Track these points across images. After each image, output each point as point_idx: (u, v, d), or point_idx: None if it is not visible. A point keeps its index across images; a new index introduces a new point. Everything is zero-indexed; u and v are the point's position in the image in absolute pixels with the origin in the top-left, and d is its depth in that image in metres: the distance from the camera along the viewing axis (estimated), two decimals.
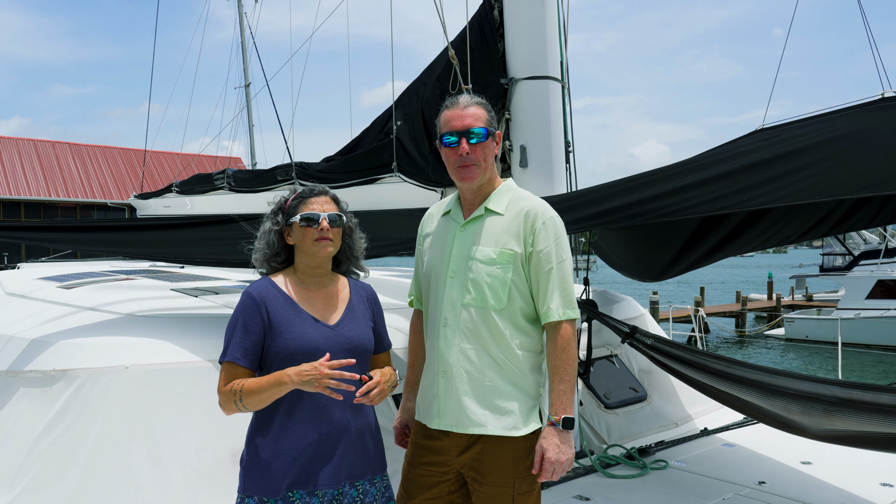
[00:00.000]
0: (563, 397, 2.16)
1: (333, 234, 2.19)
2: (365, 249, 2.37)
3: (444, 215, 2.40)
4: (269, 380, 2.01)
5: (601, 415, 3.99)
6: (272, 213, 2.26)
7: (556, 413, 2.16)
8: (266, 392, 2.01)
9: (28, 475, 2.63)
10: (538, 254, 2.21)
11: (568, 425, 2.15)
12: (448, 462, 2.24)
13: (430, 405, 2.28)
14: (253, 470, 2.07)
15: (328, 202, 2.22)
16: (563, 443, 2.14)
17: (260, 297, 2.13)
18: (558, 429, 2.15)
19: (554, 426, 2.15)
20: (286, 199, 2.26)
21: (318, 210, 2.18)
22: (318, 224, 2.15)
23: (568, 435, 2.16)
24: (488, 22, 4.11)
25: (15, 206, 26.93)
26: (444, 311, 2.25)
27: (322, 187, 2.28)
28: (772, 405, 2.89)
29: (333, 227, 2.18)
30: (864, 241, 27.27)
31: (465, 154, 2.23)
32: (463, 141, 2.23)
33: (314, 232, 2.16)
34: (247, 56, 18.16)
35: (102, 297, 3.69)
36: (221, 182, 6.94)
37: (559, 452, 2.13)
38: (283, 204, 2.25)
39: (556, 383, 2.17)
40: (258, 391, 2.02)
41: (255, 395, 2.02)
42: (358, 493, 2.16)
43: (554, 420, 2.15)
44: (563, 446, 2.14)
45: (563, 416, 2.15)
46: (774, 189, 2.64)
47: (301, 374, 1.97)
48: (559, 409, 2.16)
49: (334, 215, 2.19)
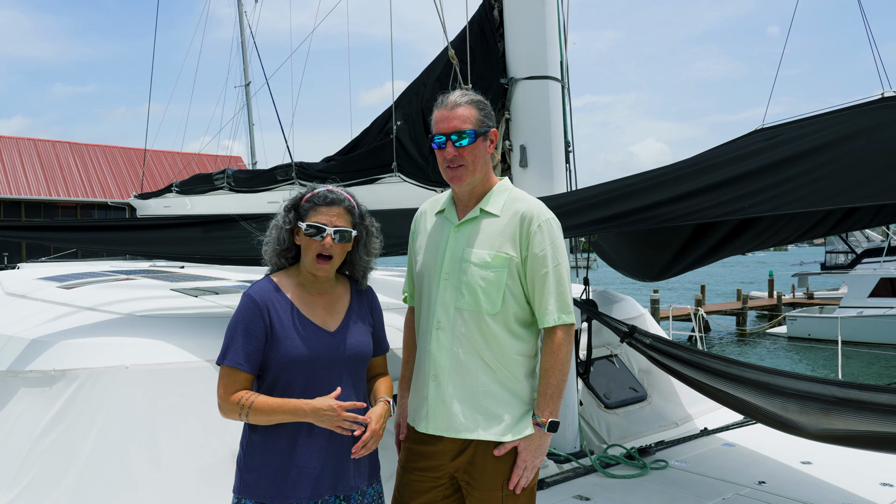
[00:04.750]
0: (549, 401, 2.15)
1: (337, 249, 2.12)
2: (372, 265, 2.29)
3: (437, 214, 2.36)
4: (282, 406, 2.00)
5: (601, 415, 3.99)
6: (286, 210, 2.18)
7: (542, 415, 2.15)
8: (277, 415, 2.00)
9: (28, 475, 2.64)
10: (534, 257, 2.18)
11: (553, 428, 2.14)
12: (441, 467, 2.23)
13: (419, 408, 2.26)
14: (250, 472, 2.06)
15: (341, 215, 2.13)
16: (542, 445, 2.15)
17: (262, 300, 2.09)
18: (542, 431, 2.14)
19: (539, 427, 2.15)
20: (302, 195, 2.18)
21: (327, 222, 2.10)
22: (323, 238, 2.09)
23: (548, 438, 2.17)
24: (488, 22, 4.10)
25: (15, 205, 26.95)
26: (436, 313, 2.22)
27: (340, 195, 2.16)
28: (769, 404, 2.88)
29: (339, 243, 2.11)
30: (867, 239, 27.27)
31: (451, 157, 2.18)
32: (449, 143, 2.18)
33: (317, 246, 2.09)
34: (247, 55, 18.17)
35: (102, 297, 3.70)
36: (221, 182, 6.95)
37: (535, 455, 2.14)
38: (298, 202, 2.17)
39: (546, 386, 2.16)
40: (269, 412, 2.00)
41: (264, 415, 2.01)
42: (359, 496, 2.15)
43: (541, 422, 2.15)
44: (540, 450, 2.15)
45: (550, 420, 2.14)
46: (776, 196, 2.63)
47: (318, 412, 1.97)
48: (546, 411, 2.15)
49: (342, 230, 2.11)
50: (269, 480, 2.04)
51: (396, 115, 4.71)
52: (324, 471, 2.06)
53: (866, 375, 18.44)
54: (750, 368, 2.96)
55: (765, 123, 3.80)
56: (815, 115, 3.36)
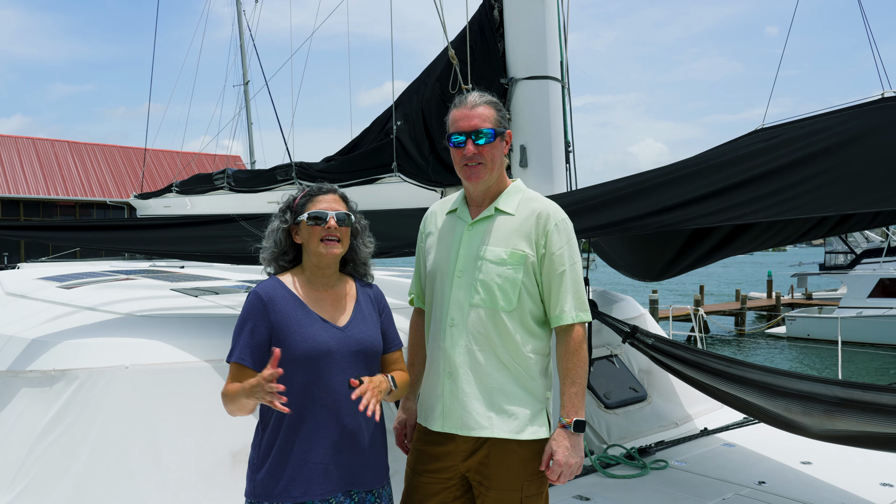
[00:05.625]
0: (574, 400, 2.15)
1: (341, 233, 2.15)
2: (371, 255, 2.32)
3: (449, 213, 2.37)
4: (239, 388, 1.96)
5: (601, 415, 3.99)
6: (280, 212, 2.22)
7: (567, 415, 2.14)
8: (239, 399, 1.96)
9: (28, 475, 2.64)
10: (551, 256, 2.19)
11: (579, 428, 2.14)
12: (453, 468, 2.22)
13: (433, 407, 2.25)
14: (262, 475, 2.04)
15: (337, 201, 2.19)
16: (573, 446, 2.13)
17: (267, 297, 2.10)
18: (569, 431, 2.13)
19: (565, 429, 2.14)
20: (294, 196, 2.22)
21: (326, 208, 2.14)
22: (326, 223, 2.11)
23: (579, 438, 2.15)
24: (488, 22, 4.10)
25: (14, 204, 26.91)
26: (450, 311, 2.22)
27: (331, 185, 2.23)
28: (773, 405, 2.89)
29: (341, 227, 2.14)
30: (866, 240, 27.27)
31: (471, 154, 2.20)
32: (469, 142, 2.20)
33: (321, 231, 2.12)
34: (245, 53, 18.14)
35: (102, 297, 3.69)
36: (221, 182, 6.94)
37: (569, 455, 2.12)
38: (292, 202, 2.21)
39: (568, 386, 2.15)
40: (232, 398, 2.00)
41: (231, 401, 2.01)
42: (374, 499, 2.15)
43: (566, 422, 2.14)
44: (574, 449, 2.13)
45: (575, 419, 2.13)
46: (778, 202, 2.63)
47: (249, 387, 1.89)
48: (571, 411, 2.14)
49: (342, 214, 2.15)
50: (281, 479, 2.03)
51: (396, 115, 4.71)
52: (337, 467, 2.06)
53: (866, 376, 18.45)
54: (752, 369, 2.96)
55: (764, 123, 3.80)
56: (815, 115, 3.35)
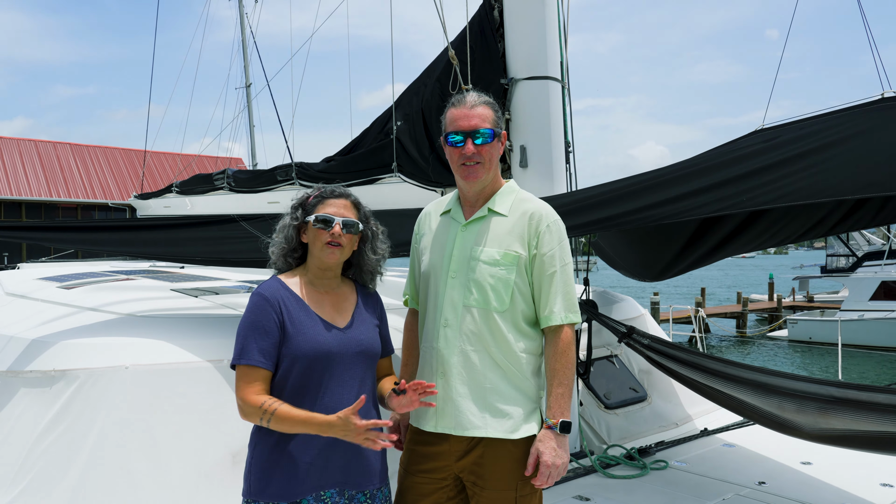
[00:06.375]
0: (561, 401, 2.15)
1: (346, 240, 2.14)
2: (379, 263, 2.30)
3: (443, 214, 2.37)
4: (307, 418, 1.97)
5: (601, 415, 3.98)
6: (293, 208, 2.22)
7: (553, 416, 2.15)
8: (300, 427, 1.99)
9: (28, 475, 2.63)
10: (542, 257, 2.20)
11: (565, 429, 2.14)
12: (446, 468, 2.22)
13: (426, 408, 2.25)
14: (258, 474, 2.05)
15: (347, 207, 2.18)
16: (559, 447, 2.13)
17: (273, 297, 2.10)
18: (555, 432, 2.14)
19: (551, 429, 2.14)
20: (308, 195, 2.22)
21: (335, 213, 2.14)
22: (331, 228, 2.11)
23: (564, 439, 2.15)
24: (488, 22, 4.11)
25: (16, 206, 26.93)
26: (444, 311, 2.23)
27: (346, 190, 2.23)
28: (766, 404, 2.88)
29: (347, 234, 2.14)
30: (868, 243, 27.23)
31: (470, 154, 2.21)
32: (469, 141, 2.21)
33: (326, 235, 2.12)
34: (247, 56, 18.19)
35: (102, 298, 3.70)
36: (221, 182, 6.95)
37: (555, 456, 2.12)
38: (305, 200, 2.21)
39: (555, 387, 2.16)
40: (291, 423, 1.99)
41: (287, 424, 1.99)
42: (365, 499, 2.15)
43: (551, 423, 2.14)
44: (560, 450, 2.13)
45: (561, 420, 2.14)
46: (774, 189, 2.64)
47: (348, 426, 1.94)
48: (557, 412, 2.15)
49: (350, 221, 2.15)
50: (276, 478, 2.03)
51: (396, 115, 4.71)
52: (332, 466, 2.06)
53: (868, 379, 18.41)
54: (747, 369, 2.96)
55: (765, 125, 3.80)
56: (815, 116, 3.35)
